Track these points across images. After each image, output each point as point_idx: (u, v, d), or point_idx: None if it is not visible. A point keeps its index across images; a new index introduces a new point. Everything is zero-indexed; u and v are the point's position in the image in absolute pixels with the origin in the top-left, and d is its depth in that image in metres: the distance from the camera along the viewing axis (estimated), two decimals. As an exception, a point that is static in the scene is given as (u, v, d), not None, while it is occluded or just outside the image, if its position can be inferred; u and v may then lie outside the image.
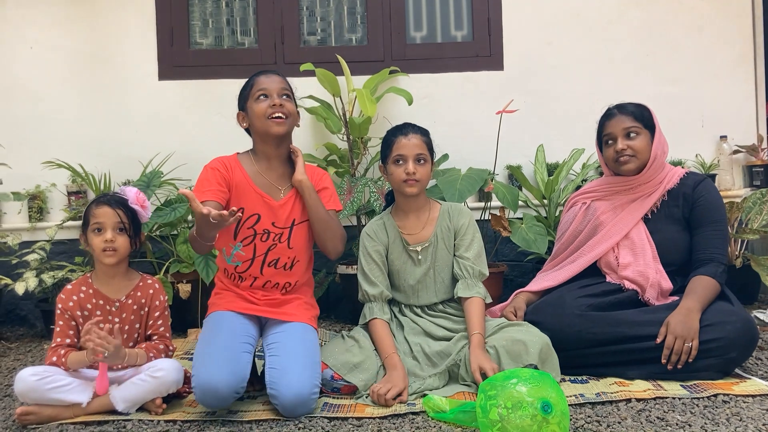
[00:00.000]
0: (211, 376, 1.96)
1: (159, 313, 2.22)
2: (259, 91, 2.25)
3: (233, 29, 3.85)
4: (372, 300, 2.38)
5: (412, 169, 2.30)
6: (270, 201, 2.26)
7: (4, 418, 2.11)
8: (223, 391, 1.96)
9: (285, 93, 2.27)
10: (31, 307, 3.56)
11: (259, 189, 2.26)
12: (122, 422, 2.01)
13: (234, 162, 2.29)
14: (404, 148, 2.32)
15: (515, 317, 2.46)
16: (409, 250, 2.43)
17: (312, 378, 2.06)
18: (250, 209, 2.25)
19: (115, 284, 2.20)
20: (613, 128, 2.48)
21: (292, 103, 2.28)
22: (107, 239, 2.12)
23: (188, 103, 3.72)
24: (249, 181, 2.26)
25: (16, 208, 3.62)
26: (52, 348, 2.11)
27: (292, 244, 2.28)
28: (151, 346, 2.16)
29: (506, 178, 3.73)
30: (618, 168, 2.49)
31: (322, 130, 3.64)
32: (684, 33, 3.82)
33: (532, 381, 1.71)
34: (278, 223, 2.26)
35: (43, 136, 3.66)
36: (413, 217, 2.44)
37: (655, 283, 2.38)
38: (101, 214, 2.15)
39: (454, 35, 3.87)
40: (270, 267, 2.27)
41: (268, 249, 2.25)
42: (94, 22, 3.72)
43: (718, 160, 3.78)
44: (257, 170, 2.29)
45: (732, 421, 1.86)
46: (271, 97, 2.23)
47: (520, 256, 3.57)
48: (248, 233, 2.25)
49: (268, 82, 2.26)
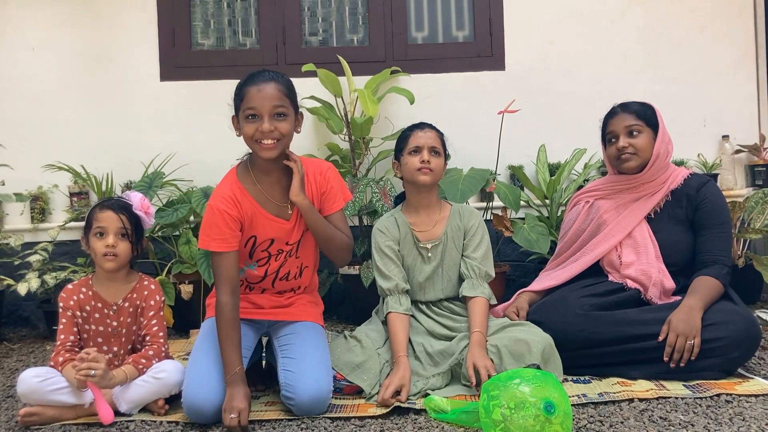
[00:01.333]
0: (197, 394, 1.96)
1: (153, 313, 2.19)
2: (249, 110, 2.05)
3: (235, 30, 3.85)
4: (388, 293, 2.38)
5: (427, 157, 2.34)
6: (283, 224, 2.18)
7: (7, 419, 2.11)
8: (208, 411, 1.95)
9: (278, 110, 2.05)
10: (34, 308, 3.56)
11: (270, 215, 2.16)
12: (125, 423, 2.01)
13: (238, 191, 2.13)
14: (420, 139, 2.38)
15: (517, 317, 2.46)
16: (419, 247, 2.44)
17: (328, 379, 2.06)
18: (263, 235, 2.18)
19: (114, 288, 2.20)
20: (615, 126, 2.48)
21: (287, 120, 2.08)
22: (109, 244, 2.12)
23: (190, 104, 3.72)
24: (259, 209, 2.15)
25: (18, 209, 3.62)
26: (57, 348, 2.12)
27: (300, 254, 2.26)
28: (138, 358, 2.11)
29: (508, 178, 3.73)
30: (619, 166, 2.49)
31: (323, 131, 3.64)
32: (686, 32, 3.81)
33: (535, 381, 1.71)
34: (291, 240, 2.22)
35: (45, 137, 3.66)
36: (424, 214, 2.45)
37: (658, 282, 2.37)
38: (104, 218, 2.14)
39: (456, 35, 3.87)
40: (282, 281, 2.27)
41: (280, 266, 2.24)
42: (96, 23, 3.72)
43: (720, 160, 3.77)
44: (261, 191, 2.15)
45: (735, 421, 1.86)
46: (261, 119, 2.03)
47: (522, 256, 3.56)
48: (263, 255, 2.21)
49: (259, 99, 2.03)
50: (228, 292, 2.05)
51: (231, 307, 2.04)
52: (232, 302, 2.04)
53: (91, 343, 2.18)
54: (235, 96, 2.12)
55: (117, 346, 2.20)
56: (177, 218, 3.13)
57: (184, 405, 1.98)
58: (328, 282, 3.44)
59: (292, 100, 2.12)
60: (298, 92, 2.19)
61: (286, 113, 2.08)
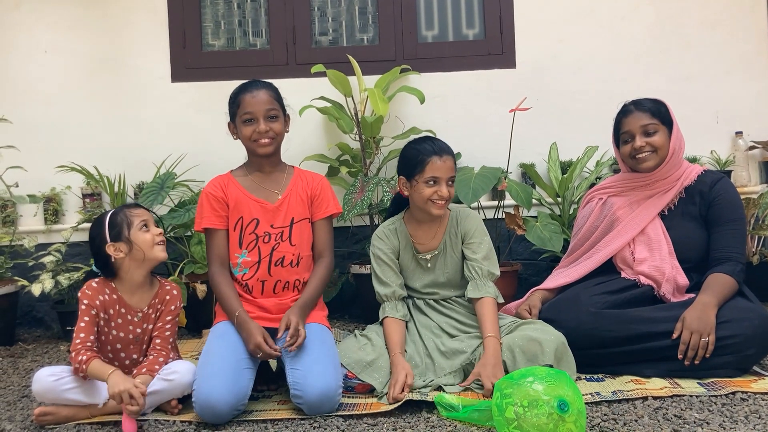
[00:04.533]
0: (210, 393, 1.98)
1: (170, 318, 2.21)
2: (245, 114, 2.32)
3: (245, 30, 3.86)
4: (385, 299, 2.40)
5: (446, 193, 2.30)
6: (266, 204, 2.35)
7: (23, 419, 2.13)
8: (222, 410, 1.97)
9: (271, 113, 2.33)
10: (48, 309, 3.59)
11: (254, 196, 2.36)
12: (138, 422, 2.01)
13: (228, 180, 2.39)
14: (439, 171, 2.29)
15: (529, 315, 2.45)
16: (418, 258, 2.44)
17: (335, 376, 2.08)
18: (249, 216, 2.35)
19: (139, 294, 2.19)
20: (630, 126, 2.46)
21: (279, 120, 2.35)
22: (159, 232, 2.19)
23: (201, 105, 3.74)
24: (244, 192, 2.36)
25: (32, 211, 3.65)
26: (76, 348, 2.04)
27: (294, 241, 2.35)
28: (152, 366, 2.10)
29: (520, 176, 3.72)
30: (636, 165, 2.47)
31: (334, 130, 3.65)
32: (697, 29, 3.79)
33: (549, 379, 1.70)
34: (276, 223, 2.35)
35: (57, 139, 3.69)
36: (426, 227, 2.45)
37: (671, 278, 2.36)
38: (141, 213, 2.19)
39: (466, 34, 3.86)
40: (277, 266, 2.32)
41: (272, 249, 2.32)
42: (107, 25, 3.75)
43: (733, 157, 3.74)
44: (251, 180, 2.39)
45: (751, 419, 1.85)
46: (257, 121, 2.31)
47: (534, 254, 3.55)
48: (251, 238, 2.33)
49: (254, 104, 2.31)
50: (218, 264, 2.33)
51: (221, 274, 2.30)
52: (222, 272, 2.31)
53: (108, 348, 2.16)
54: (231, 104, 2.38)
55: (136, 353, 2.20)
56: (189, 218, 3.14)
57: (195, 404, 1.99)
58: (339, 281, 3.44)
59: (280, 104, 2.39)
60: (308, 93, 2.45)
61: (278, 115, 2.35)
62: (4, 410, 2.23)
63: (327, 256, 2.40)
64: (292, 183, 2.41)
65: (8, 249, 3.39)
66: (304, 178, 2.43)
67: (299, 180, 2.42)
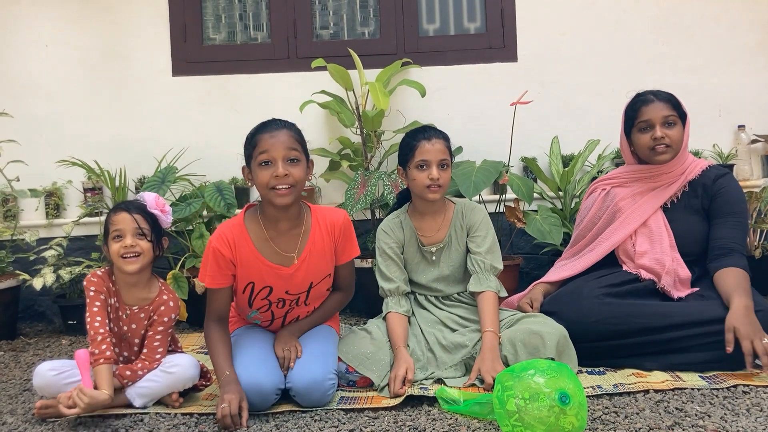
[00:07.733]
0: (256, 373, 2.00)
1: (161, 329, 2.13)
2: (262, 155, 2.02)
3: (246, 24, 3.85)
4: (388, 294, 2.40)
5: (436, 175, 2.28)
6: (281, 270, 2.14)
7: (24, 412, 2.13)
8: (267, 388, 1.99)
9: (292, 156, 2.04)
10: (49, 303, 3.59)
11: (268, 261, 2.13)
12: (139, 415, 2.02)
13: (239, 233, 2.12)
14: (428, 153, 2.29)
15: (531, 308, 2.44)
16: (423, 251, 2.43)
17: (325, 365, 2.07)
18: (261, 282, 2.15)
19: (133, 293, 2.15)
20: (651, 114, 2.41)
21: (300, 165, 2.06)
22: (126, 245, 2.06)
23: (202, 99, 3.73)
24: (256, 254, 2.12)
25: (33, 205, 3.65)
26: (95, 337, 2.02)
27: (310, 301, 2.25)
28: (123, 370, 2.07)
29: (521, 170, 3.71)
30: (652, 157, 2.43)
31: (335, 124, 3.64)
32: (700, 21, 3.77)
33: (550, 372, 1.70)
34: (292, 290, 2.18)
35: (58, 134, 3.68)
36: (430, 218, 2.44)
37: (671, 270, 2.35)
38: (119, 220, 2.09)
39: (467, 27, 3.85)
40: (291, 323, 2.28)
41: (286, 312, 2.25)
42: (108, 18, 3.74)
43: (735, 150, 3.73)
44: (265, 237, 2.13)
45: (752, 412, 1.84)
46: (275, 165, 2.02)
47: (535, 248, 3.54)
48: (263, 303, 2.20)
49: (273, 145, 2.02)
50: (215, 320, 2.14)
51: (216, 330, 2.12)
52: (219, 327, 2.13)
53: None
54: (247, 145, 2.10)
55: (127, 351, 2.18)
56: (190, 213, 3.14)
57: (242, 384, 1.96)
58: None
59: (303, 146, 2.11)
60: (309, 86, 2.26)
61: (299, 159, 2.07)
62: (6, 404, 2.24)
63: (346, 291, 2.35)
64: (310, 241, 2.16)
65: (10, 243, 3.39)
66: (324, 225, 2.18)
67: (318, 229, 2.18)
